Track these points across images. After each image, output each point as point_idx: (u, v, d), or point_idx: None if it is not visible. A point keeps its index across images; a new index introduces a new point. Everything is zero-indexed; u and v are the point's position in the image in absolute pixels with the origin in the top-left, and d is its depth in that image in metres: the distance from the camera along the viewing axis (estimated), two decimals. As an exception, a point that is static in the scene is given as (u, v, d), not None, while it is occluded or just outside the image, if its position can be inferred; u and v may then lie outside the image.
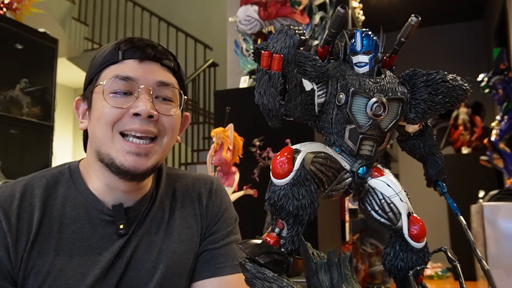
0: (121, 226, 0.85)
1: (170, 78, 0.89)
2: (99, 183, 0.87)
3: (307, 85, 0.59)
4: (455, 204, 0.66)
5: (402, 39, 0.61)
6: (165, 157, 0.92)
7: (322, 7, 2.49)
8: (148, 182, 0.92)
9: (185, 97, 0.92)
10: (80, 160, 0.93)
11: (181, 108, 0.91)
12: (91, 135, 0.87)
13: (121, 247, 0.85)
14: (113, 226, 0.86)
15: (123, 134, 0.83)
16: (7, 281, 0.80)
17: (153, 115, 0.83)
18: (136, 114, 0.82)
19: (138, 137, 0.83)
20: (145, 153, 0.83)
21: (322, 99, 0.59)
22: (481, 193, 3.34)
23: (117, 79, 0.84)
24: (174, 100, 0.89)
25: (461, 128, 5.43)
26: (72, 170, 0.90)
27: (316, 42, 2.42)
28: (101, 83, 0.85)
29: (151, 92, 0.84)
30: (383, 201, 0.60)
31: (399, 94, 0.59)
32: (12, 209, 0.82)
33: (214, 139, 1.75)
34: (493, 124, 3.40)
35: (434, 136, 0.69)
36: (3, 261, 0.79)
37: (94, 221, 0.86)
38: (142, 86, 0.84)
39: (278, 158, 0.56)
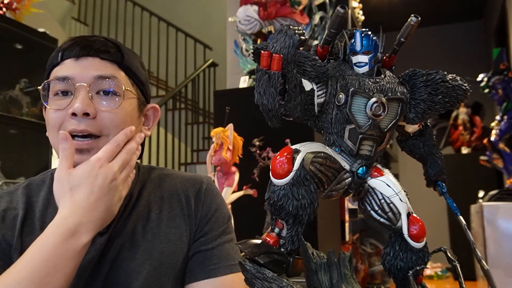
0: None
1: (111, 70, 0.86)
2: None
3: (307, 85, 0.59)
4: (454, 204, 0.66)
5: (402, 39, 0.61)
6: None
7: (321, 7, 2.49)
8: None
9: (127, 89, 0.88)
10: None
11: (140, 101, 0.90)
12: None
13: (103, 246, 0.85)
14: None
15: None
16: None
17: (89, 112, 0.81)
18: (73, 114, 0.81)
19: (80, 137, 0.82)
20: (87, 149, 0.82)
21: (322, 99, 0.59)
22: (481, 193, 3.35)
23: (56, 80, 0.84)
24: (120, 93, 0.86)
25: (460, 128, 5.44)
26: (53, 176, 0.91)
27: (315, 42, 2.42)
28: (44, 90, 0.86)
29: (88, 88, 0.83)
30: (382, 201, 0.60)
31: (398, 94, 0.59)
32: None
33: (213, 139, 1.75)
34: (492, 124, 3.40)
35: (434, 136, 0.69)
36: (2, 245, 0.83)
37: None
38: (78, 84, 0.83)
39: (277, 158, 0.56)
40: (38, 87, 0.88)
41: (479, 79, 3.35)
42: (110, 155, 0.81)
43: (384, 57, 0.62)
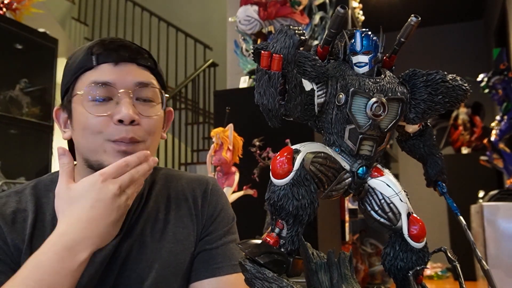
0: None
1: (148, 77, 0.87)
2: None
3: (307, 85, 0.59)
4: (455, 204, 0.66)
5: (402, 39, 0.61)
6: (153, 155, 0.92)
7: (322, 7, 2.49)
8: None
9: (167, 96, 0.90)
10: None
11: (163, 107, 0.90)
12: (78, 144, 0.87)
13: (115, 248, 0.85)
14: None
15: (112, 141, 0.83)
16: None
17: (135, 119, 0.82)
18: (120, 121, 0.81)
19: (125, 142, 0.82)
20: (131, 151, 0.82)
21: (322, 99, 0.59)
22: (481, 193, 3.35)
23: (95, 85, 0.82)
24: (155, 99, 0.87)
25: (461, 128, 5.44)
26: None
27: (316, 42, 2.42)
28: (78, 92, 0.83)
29: (131, 95, 0.83)
30: (382, 201, 0.60)
31: (399, 94, 0.59)
32: (7, 213, 0.84)
33: (214, 139, 1.75)
34: (493, 124, 3.40)
35: (434, 136, 0.69)
36: (5, 251, 0.81)
37: None
38: (121, 90, 0.82)
39: (278, 158, 0.56)
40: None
41: (479, 79, 3.35)
42: (115, 171, 0.76)
43: (384, 57, 0.62)
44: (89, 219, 0.72)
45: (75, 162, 0.93)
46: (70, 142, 0.92)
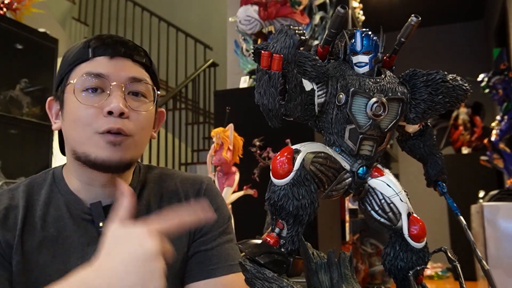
0: (101, 224, 0.85)
1: (142, 73, 0.88)
2: (77, 182, 0.88)
3: (307, 85, 0.59)
4: (455, 204, 0.66)
5: (402, 39, 0.61)
6: (140, 154, 0.91)
7: (322, 7, 2.49)
8: (127, 179, 0.91)
9: (158, 92, 0.91)
10: (64, 164, 0.94)
11: (155, 103, 0.90)
12: (66, 136, 0.87)
13: None
14: (94, 224, 0.86)
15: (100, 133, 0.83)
16: (6, 263, 0.82)
17: (124, 112, 0.82)
18: (109, 112, 0.81)
19: (112, 133, 0.82)
20: (119, 143, 0.82)
21: (322, 99, 0.59)
22: (481, 193, 3.35)
23: (88, 76, 0.83)
24: (148, 95, 0.88)
25: (461, 128, 5.43)
26: (55, 174, 0.92)
27: (316, 42, 2.42)
28: (71, 81, 0.84)
29: (123, 89, 0.84)
30: (383, 201, 0.60)
31: (399, 94, 0.59)
32: (0, 209, 0.85)
33: (214, 139, 1.75)
34: (493, 124, 3.40)
35: (434, 136, 0.69)
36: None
37: (76, 220, 0.87)
38: (114, 83, 0.83)
39: (278, 158, 0.56)
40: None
41: (479, 79, 3.35)
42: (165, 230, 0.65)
43: (385, 57, 0.62)
44: (118, 273, 0.61)
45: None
46: (61, 135, 0.93)
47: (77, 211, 0.87)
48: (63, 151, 0.94)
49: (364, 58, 0.59)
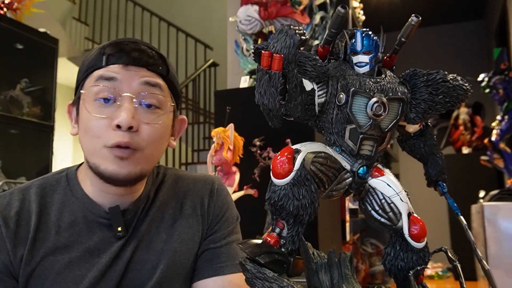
0: (119, 229, 0.85)
1: (157, 82, 0.84)
2: (93, 188, 0.87)
3: (308, 85, 0.59)
4: (455, 204, 0.66)
5: (403, 39, 0.61)
6: (153, 166, 0.90)
7: (322, 7, 2.49)
8: (141, 186, 0.90)
9: (172, 104, 0.88)
10: (79, 165, 0.92)
11: (175, 114, 0.88)
12: (81, 143, 0.86)
13: (120, 249, 0.85)
14: (111, 229, 0.85)
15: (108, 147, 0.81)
16: (13, 282, 0.81)
17: (133, 125, 0.79)
18: (118, 126, 0.79)
19: (120, 147, 0.80)
20: (127, 158, 0.80)
21: (323, 99, 0.59)
22: (482, 193, 3.34)
23: (101, 79, 0.81)
24: (162, 106, 0.85)
25: (461, 128, 5.43)
26: (69, 177, 0.90)
27: (316, 42, 2.42)
28: (84, 90, 0.83)
29: (134, 100, 0.81)
30: (383, 201, 0.60)
31: (399, 94, 0.59)
32: (11, 215, 0.83)
33: (214, 139, 1.75)
34: (493, 124, 3.40)
35: (435, 136, 0.69)
36: (6, 264, 0.80)
37: (91, 224, 0.85)
38: (125, 94, 0.81)
39: (278, 158, 0.56)
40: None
41: (479, 79, 3.35)
42: None
43: (385, 57, 0.62)
44: None
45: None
46: None
47: (93, 215, 0.86)
48: None
49: (365, 58, 0.59)
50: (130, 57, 0.82)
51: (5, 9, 2.60)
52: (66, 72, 5.71)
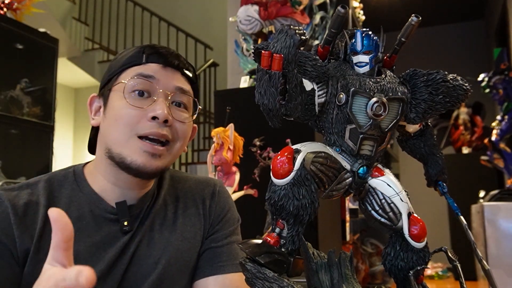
0: (125, 223, 0.87)
1: (188, 86, 0.91)
2: (103, 181, 0.89)
3: (308, 85, 0.59)
4: (455, 204, 0.66)
5: (403, 39, 0.61)
6: (173, 162, 0.94)
7: (322, 7, 2.49)
8: (152, 181, 0.94)
9: (200, 107, 0.94)
10: (85, 164, 0.95)
11: (194, 116, 0.93)
12: (104, 133, 0.89)
13: (125, 244, 0.87)
14: (117, 224, 0.87)
15: (139, 136, 0.84)
16: (15, 267, 0.80)
17: (168, 119, 0.85)
18: (154, 118, 0.84)
19: (152, 140, 0.84)
20: (158, 155, 0.85)
21: (323, 99, 0.59)
22: (482, 193, 3.34)
23: (140, 77, 0.86)
24: (189, 108, 0.92)
25: (461, 128, 5.43)
26: (76, 173, 0.92)
27: (316, 42, 2.42)
28: (122, 81, 0.87)
29: (169, 97, 0.87)
30: (383, 201, 0.60)
31: (399, 94, 0.59)
32: (20, 204, 0.84)
33: (214, 139, 1.75)
34: (493, 124, 3.40)
35: (435, 136, 0.69)
36: (10, 248, 0.80)
37: (98, 219, 0.87)
38: (161, 90, 0.86)
39: (278, 158, 0.56)
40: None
41: (479, 79, 3.35)
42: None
43: (385, 57, 0.62)
44: None
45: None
46: (92, 135, 0.95)
47: (100, 210, 0.88)
48: (91, 149, 0.95)
49: (365, 58, 0.59)
50: (168, 60, 0.89)
51: (5, 9, 2.60)
52: (66, 72, 5.73)
